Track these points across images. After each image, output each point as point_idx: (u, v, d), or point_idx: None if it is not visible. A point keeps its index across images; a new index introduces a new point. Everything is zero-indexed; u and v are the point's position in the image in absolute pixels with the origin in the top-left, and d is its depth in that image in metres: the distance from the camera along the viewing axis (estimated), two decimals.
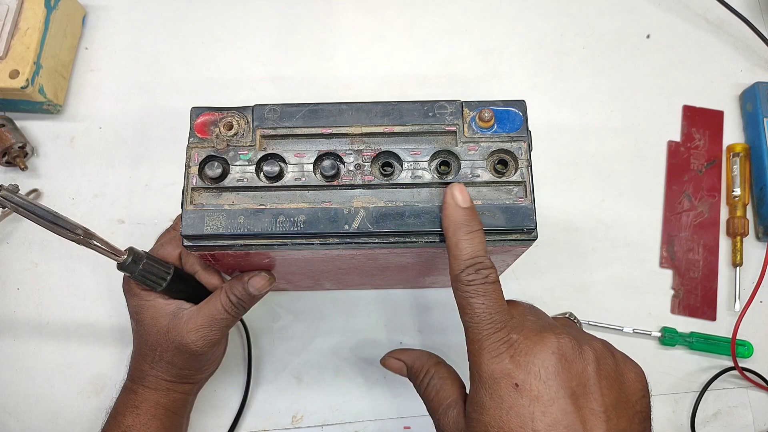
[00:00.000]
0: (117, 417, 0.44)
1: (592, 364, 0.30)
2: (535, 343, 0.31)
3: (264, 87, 0.62)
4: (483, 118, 0.36)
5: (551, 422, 0.29)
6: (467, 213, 0.33)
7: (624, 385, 0.31)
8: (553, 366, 0.30)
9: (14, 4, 0.56)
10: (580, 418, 0.29)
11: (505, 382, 0.30)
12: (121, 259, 0.40)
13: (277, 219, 0.35)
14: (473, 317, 0.32)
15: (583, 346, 0.31)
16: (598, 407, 0.29)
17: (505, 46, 0.64)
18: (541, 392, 0.29)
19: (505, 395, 0.30)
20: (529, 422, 0.29)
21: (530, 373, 0.30)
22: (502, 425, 0.30)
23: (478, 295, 0.32)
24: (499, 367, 0.30)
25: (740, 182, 0.57)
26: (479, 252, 0.32)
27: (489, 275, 0.32)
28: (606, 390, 0.30)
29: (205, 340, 0.42)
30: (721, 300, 0.56)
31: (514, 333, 0.31)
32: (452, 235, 0.33)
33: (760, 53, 0.63)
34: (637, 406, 0.31)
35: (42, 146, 0.59)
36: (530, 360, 0.30)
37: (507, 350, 0.31)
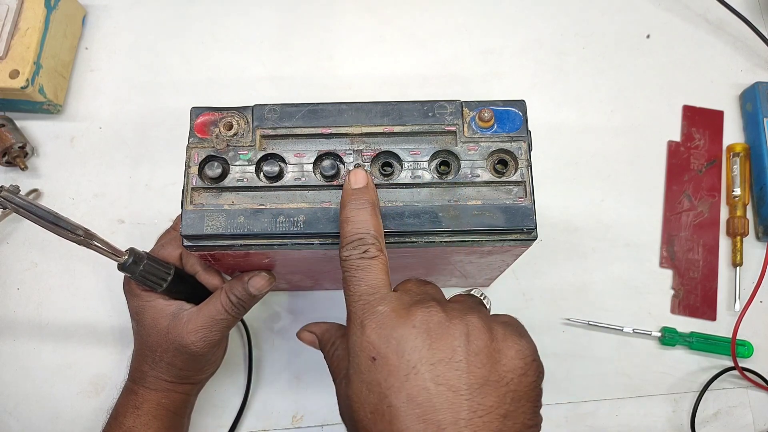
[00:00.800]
0: (118, 418, 0.44)
1: (460, 339, 0.29)
2: (399, 316, 0.30)
3: (264, 87, 0.62)
4: (483, 118, 0.36)
5: (406, 397, 0.28)
6: (356, 192, 0.33)
7: (498, 363, 0.29)
8: (412, 340, 0.29)
9: (14, 4, 0.56)
10: (438, 395, 0.27)
11: (364, 354, 0.29)
12: (122, 259, 0.40)
13: (277, 219, 0.35)
14: (346, 290, 0.31)
15: (453, 321, 0.30)
16: (460, 384, 0.28)
17: (505, 46, 0.64)
18: (398, 367, 0.28)
19: (364, 368, 0.29)
20: (384, 397, 0.28)
21: (389, 346, 0.29)
22: (362, 398, 0.29)
23: (351, 269, 0.31)
24: (360, 339, 0.30)
25: (740, 182, 0.57)
26: (360, 229, 0.32)
27: (367, 250, 0.31)
28: (474, 367, 0.28)
29: (205, 341, 0.42)
30: (721, 300, 0.56)
31: (383, 306, 0.30)
32: (340, 214, 0.33)
33: (760, 53, 0.63)
34: (511, 385, 0.29)
35: (42, 146, 0.59)
36: (390, 333, 0.29)
37: (370, 322, 0.30)
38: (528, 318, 0.55)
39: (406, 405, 0.27)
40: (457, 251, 0.38)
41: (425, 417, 0.27)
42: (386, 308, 0.30)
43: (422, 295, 0.32)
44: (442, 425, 0.27)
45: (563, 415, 0.53)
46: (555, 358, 0.54)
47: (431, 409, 0.27)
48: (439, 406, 0.27)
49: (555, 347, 0.54)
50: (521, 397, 0.29)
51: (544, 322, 0.55)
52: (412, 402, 0.27)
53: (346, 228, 0.32)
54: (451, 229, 0.35)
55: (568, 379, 0.53)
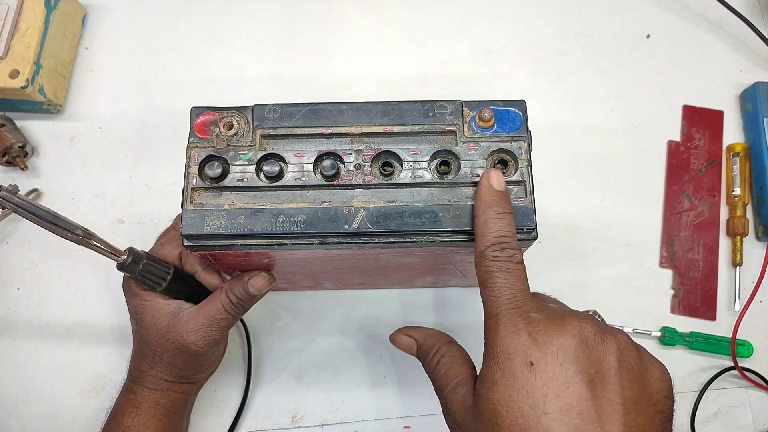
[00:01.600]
0: (117, 417, 0.44)
1: (614, 354, 0.29)
2: (555, 324, 0.29)
3: (264, 87, 0.62)
4: (483, 118, 0.36)
5: (564, 406, 0.27)
6: (500, 195, 0.33)
7: (647, 382, 0.30)
8: (572, 349, 0.28)
9: (14, 4, 0.56)
10: (596, 407, 0.27)
11: (520, 359, 0.29)
12: (121, 259, 0.40)
13: (277, 219, 0.35)
14: (494, 290, 0.31)
15: (606, 335, 0.30)
16: (616, 398, 0.28)
17: (505, 46, 0.64)
18: (557, 374, 0.28)
19: (518, 373, 0.28)
20: (540, 404, 0.28)
21: (547, 353, 0.28)
22: (512, 404, 0.28)
23: (501, 270, 0.31)
24: (515, 342, 0.29)
25: (740, 182, 0.57)
26: (507, 232, 0.32)
27: (515, 255, 0.32)
28: (627, 383, 0.29)
29: (205, 341, 0.42)
30: (721, 300, 0.56)
31: (535, 312, 0.30)
32: (482, 213, 0.33)
33: (760, 53, 0.63)
34: (658, 405, 0.30)
35: (42, 146, 0.59)
36: (549, 340, 0.29)
37: (525, 327, 0.29)
38: None
39: (564, 414, 0.27)
40: (458, 251, 0.38)
41: (582, 428, 0.27)
42: (540, 315, 0.30)
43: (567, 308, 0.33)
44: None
45: None
46: None
47: (589, 420, 0.27)
48: (596, 418, 0.27)
49: None
50: (667, 419, 0.30)
51: None
52: (571, 412, 0.27)
53: (492, 228, 0.32)
54: (452, 229, 0.35)
55: None
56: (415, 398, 0.53)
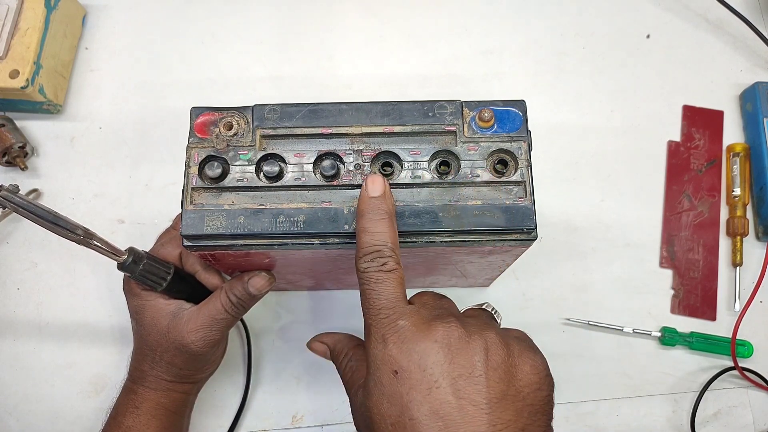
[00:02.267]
0: (117, 417, 0.44)
1: (480, 355, 0.30)
2: (420, 330, 0.30)
3: (264, 87, 0.62)
4: (483, 118, 0.36)
5: (428, 411, 0.28)
6: (373, 202, 0.33)
7: (515, 378, 0.30)
8: (434, 354, 0.29)
9: (14, 4, 0.56)
10: (459, 408, 0.28)
11: (386, 368, 0.30)
12: (122, 259, 0.40)
13: (277, 219, 0.35)
14: (365, 303, 0.32)
15: (472, 336, 0.30)
16: (480, 399, 0.29)
17: (505, 46, 0.64)
18: (420, 380, 0.29)
19: (385, 381, 0.30)
20: (406, 410, 0.29)
21: (411, 360, 0.29)
22: (382, 411, 0.29)
23: (370, 282, 0.32)
24: (381, 353, 0.30)
25: (740, 182, 0.57)
26: (378, 240, 0.32)
27: (386, 263, 0.32)
28: (493, 382, 0.29)
29: (205, 340, 0.42)
30: (721, 300, 0.56)
31: (403, 320, 0.31)
32: (357, 222, 0.33)
33: (760, 53, 0.63)
34: (528, 399, 0.30)
35: (42, 146, 0.59)
36: (411, 347, 0.30)
37: (392, 336, 0.30)
38: (528, 318, 0.55)
39: (428, 418, 0.28)
40: (458, 251, 0.38)
41: (447, 430, 0.28)
42: (407, 323, 0.31)
43: (440, 310, 0.33)
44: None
45: (563, 415, 0.53)
46: (555, 358, 0.53)
47: (452, 423, 0.28)
48: (460, 420, 0.28)
49: (555, 347, 0.54)
50: (537, 411, 0.30)
51: (544, 322, 0.55)
52: (435, 415, 0.28)
53: (364, 238, 0.32)
54: (452, 229, 0.35)
55: (568, 379, 0.53)
56: None
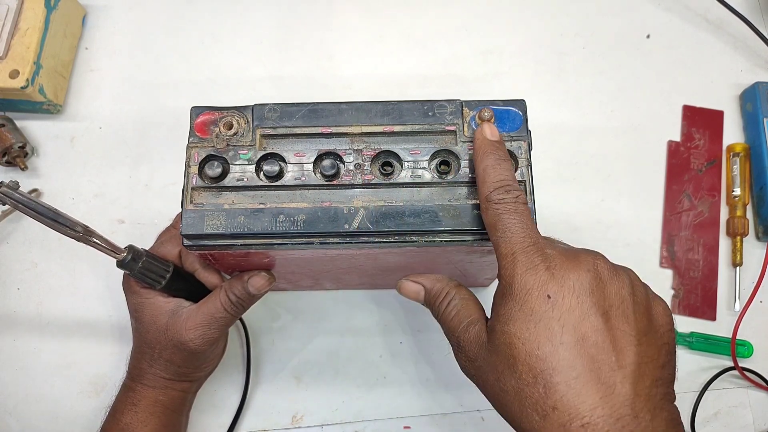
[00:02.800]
0: (115, 415, 0.44)
1: (627, 288, 0.30)
2: (570, 259, 0.30)
3: (264, 87, 0.62)
4: (483, 118, 0.36)
5: (580, 337, 0.28)
6: (495, 144, 0.34)
7: (653, 316, 0.31)
8: (588, 283, 0.29)
9: (14, 4, 0.56)
10: (611, 337, 0.28)
11: (538, 292, 0.29)
12: (121, 256, 0.40)
13: (277, 218, 0.35)
14: (506, 232, 0.31)
15: (618, 270, 0.31)
16: (629, 330, 0.29)
17: (505, 46, 0.64)
18: (574, 306, 0.29)
19: (536, 306, 0.29)
20: (558, 335, 0.28)
21: (564, 286, 0.29)
22: (529, 336, 0.29)
23: (509, 212, 0.31)
24: (533, 278, 0.30)
25: (740, 182, 0.57)
26: (508, 176, 0.33)
27: (520, 196, 0.32)
28: (639, 315, 0.30)
29: (203, 339, 0.42)
30: (721, 300, 0.56)
31: (549, 249, 0.31)
32: (480, 161, 0.33)
33: (760, 53, 0.63)
34: (664, 338, 0.31)
35: (42, 146, 0.59)
36: (565, 274, 0.30)
37: (542, 262, 0.30)
38: None
39: (582, 344, 0.28)
40: (458, 251, 0.38)
41: (599, 357, 0.28)
42: (554, 252, 0.31)
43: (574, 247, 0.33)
44: (614, 366, 0.28)
45: None
46: None
47: (605, 350, 0.28)
48: (611, 348, 0.28)
49: None
50: (671, 351, 0.31)
51: None
52: (587, 342, 0.28)
53: (493, 174, 0.32)
54: (452, 229, 0.35)
55: None
56: (415, 398, 0.53)
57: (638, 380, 0.28)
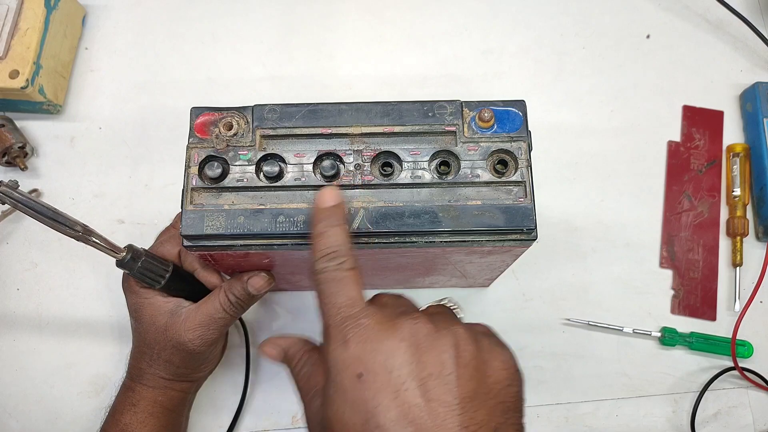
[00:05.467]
0: (115, 415, 0.44)
1: (449, 352, 0.28)
2: (385, 329, 0.28)
3: (264, 87, 0.62)
4: (483, 118, 0.36)
5: (396, 416, 0.26)
6: (328, 211, 0.32)
7: (486, 375, 0.28)
8: (401, 354, 0.27)
9: (14, 4, 0.56)
10: (430, 412, 0.26)
11: (349, 372, 0.27)
12: (120, 255, 0.40)
13: (276, 219, 0.35)
14: (323, 304, 0.30)
15: (440, 332, 0.29)
16: (452, 399, 0.27)
17: (505, 46, 0.64)
18: (386, 383, 0.27)
19: (348, 387, 0.27)
20: (372, 417, 0.26)
21: (376, 362, 0.27)
22: (345, 420, 0.27)
23: (327, 281, 0.30)
24: (343, 355, 0.28)
25: (740, 182, 0.57)
26: (335, 242, 0.31)
27: (343, 262, 0.31)
28: (463, 380, 0.27)
29: (202, 339, 0.42)
30: (721, 300, 0.56)
31: (365, 318, 0.29)
32: (312, 230, 0.32)
33: (760, 53, 0.63)
34: (500, 396, 0.28)
35: (42, 146, 0.59)
36: (376, 348, 0.27)
37: (354, 337, 0.28)
38: (528, 318, 0.55)
39: (396, 424, 0.26)
40: (457, 251, 0.38)
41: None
42: (370, 321, 0.29)
43: (403, 308, 0.31)
44: None
45: (563, 415, 0.53)
46: (555, 358, 0.54)
47: (423, 427, 0.26)
48: (431, 423, 0.26)
49: (555, 347, 0.54)
50: (509, 409, 0.29)
51: (544, 322, 0.55)
52: (404, 420, 0.26)
53: (320, 241, 0.31)
54: (451, 229, 0.35)
55: (568, 379, 0.53)
56: None
57: None
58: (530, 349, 0.54)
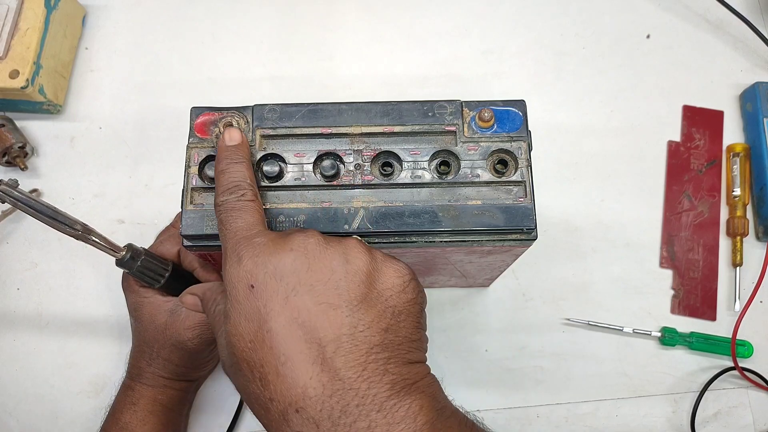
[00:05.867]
0: (115, 414, 0.44)
1: (339, 259, 0.29)
2: (277, 244, 0.29)
3: (264, 87, 0.62)
4: (483, 118, 0.36)
5: (286, 320, 0.27)
6: (230, 148, 0.33)
7: (376, 281, 0.30)
8: (290, 262, 0.28)
9: (14, 4, 0.56)
10: (319, 314, 0.28)
11: (242, 284, 0.28)
12: (120, 255, 0.40)
13: (276, 219, 0.35)
14: (222, 231, 0.31)
15: (330, 243, 0.30)
16: (340, 301, 0.28)
17: (505, 46, 0.64)
18: (276, 290, 0.28)
19: (242, 299, 0.28)
20: (264, 323, 0.27)
21: (267, 272, 0.28)
22: (241, 330, 0.28)
23: (227, 210, 0.31)
24: (236, 270, 0.29)
25: (740, 182, 0.57)
26: (236, 178, 0.32)
27: (244, 194, 0.32)
28: (353, 284, 0.29)
29: (201, 338, 0.42)
30: (721, 300, 0.56)
31: (260, 237, 0.30)
32: (216, 168, 0.33)
33: (760, 53, 0.63)
34: (390, 301, 0.30)
35: (42, 146, 0.59)
36: (267, 260, 0.29)
37: (247, 253, 0.29)
38: (528, 318, 0.55)
39: (287, 327, 0.27)
40: (457, 251, 0.38)
41: (306, 337, 0.27)
42: (264, 239, 0.30)
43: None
44: (323, 342, 0.27)
45: (563, 415, 0.53)
46: (555, 358, 0.54)
47: (312, 328, 0.27)
48: (319, 325, 0.27)
49: (555, 347, 0.54)
50: (401, 312, 0.30)
51: (544, 322, 0.55)
52: (293, 323, 0.27)
53: (222, 178, 0.32)
54: (451, 229, 0.35)
55: (568, 379, 0.53)
56: None
57: (351, 351, 0.27)
58: (530, 349, 0.54)
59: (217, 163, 0.33)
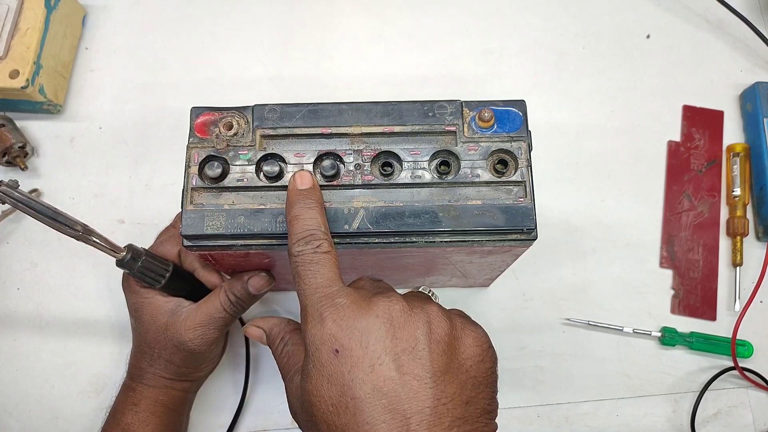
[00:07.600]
0: (116, 415, 0.44)
1: (423, 328, 0.29)
2: (361, 307, 0.30)
3: (264, 87, 0.62)
4: (483, 118, 0.36)
5: (371, 389, 0.27)
6: (303, 193, 0.33)
7: (457, 351, 0.30)
8: (376, 330, 0.29)
9: (14, 4, 0.56)
10: (403, 385, 0.28)
11: (326, 347, 0.29)
12: (121, 255, 0.40)
13: (277, 219, 0.35)
14: (300, 285, 0.31)
15: (414, 310, 0.30)
16: (424, 373, 0.28)
17: (505, 46, 0.64)
18: (362, 358, 0.28)
19: (325, 362, 0.29)
20: (348, 390, 0.28)
21: (352, 338, 0.29)
22: (323, 393, 0.28)
23: (305, 264, 0.31)
24: (320, 332, 0.29)
25: (740, 182, 0.57)
26: (311, 225, 0.32)
27: (320, 245, 0.32)
28: (436, 355, 0.29)
29: (202, 338, 0.42)
30: (721, 300, 0.56)
31: (342, 298, 0.30)
32: (288, 214, 0.33)
33: (760, 53, 0.63)
34: (471, 371, 0.30)
35: (42, 146, 0.59)
36: (352, 324, 0.29)
37: (331, 315, 0.29)
38: (528, 318, 0.55)
39: (372, 396, 0.27)
40: (458, 251, 0.38)
41: (391, 407, 0.27)
42: (346, 300, 0.30)
43: (379, 289, 0.32)
44: (407, 414, 0.27)
45: (563, 415, 0.53)
46: (555, 358, 0.54)
47: (396, 399, 0.27)
48: (404, 396, 0.27)
49: (555, 347, 0.54)
50: (480, 383, 0.30)
51: (544, 322, 0.55)
52: (378, 393, 0.27)
53: (296, 225, 0.32)
54: (451, 229, 0.35)
55: (568, 379, 0.53)
56: None
57: (435, 424, 0.27)
58: (530, 349, 0.54)
59: (288, 208, 0.33)
